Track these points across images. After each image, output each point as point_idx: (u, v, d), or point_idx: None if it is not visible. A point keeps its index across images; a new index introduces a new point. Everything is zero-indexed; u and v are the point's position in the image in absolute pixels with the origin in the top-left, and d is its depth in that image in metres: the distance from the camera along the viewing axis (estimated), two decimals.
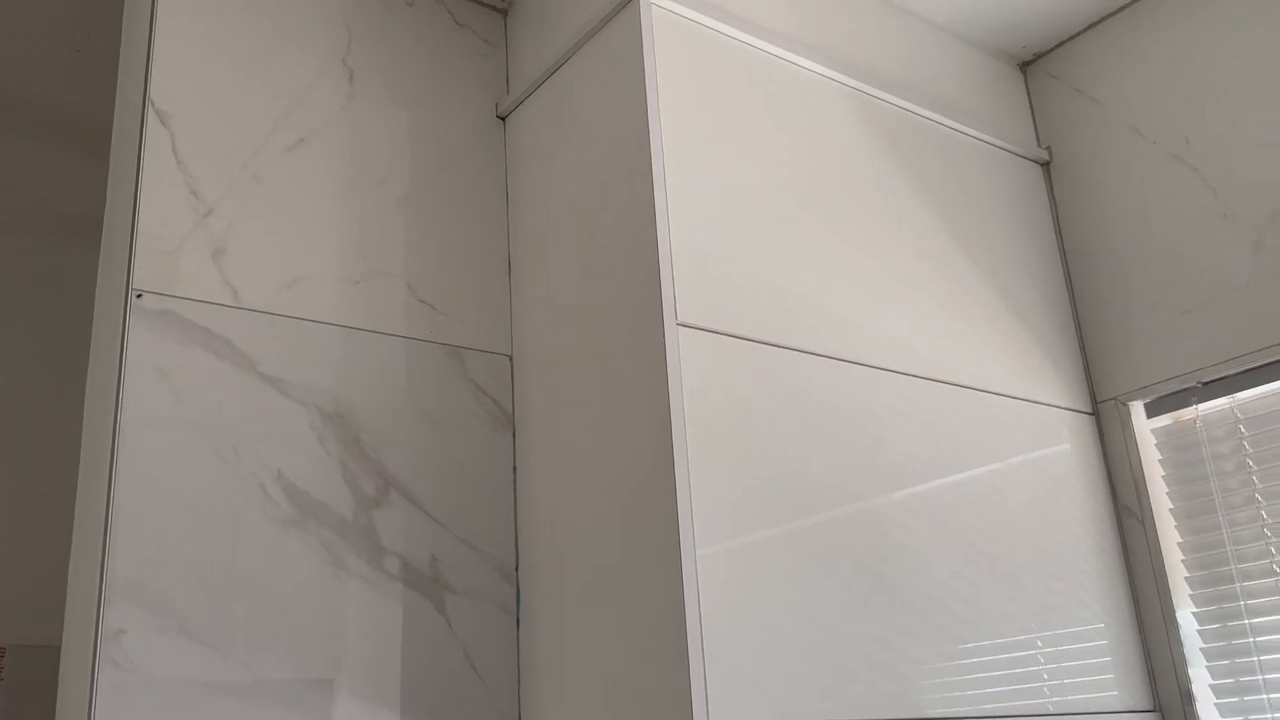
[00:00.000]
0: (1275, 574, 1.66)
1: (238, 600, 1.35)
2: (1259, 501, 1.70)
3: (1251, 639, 1.67)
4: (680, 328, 1.40)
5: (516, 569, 1.60)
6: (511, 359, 1.70)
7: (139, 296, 1.38)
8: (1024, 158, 2.03)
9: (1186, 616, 1.76)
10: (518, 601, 1.58)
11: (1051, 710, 1.61)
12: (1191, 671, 1.73)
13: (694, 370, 1.39)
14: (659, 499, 1.34)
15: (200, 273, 1.44)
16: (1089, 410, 1.91)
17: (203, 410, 1.39)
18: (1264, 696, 1.64)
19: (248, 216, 1.51)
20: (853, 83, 1.78)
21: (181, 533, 1.33)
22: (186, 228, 1.45)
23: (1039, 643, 1.64)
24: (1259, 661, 1.66)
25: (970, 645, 1.55)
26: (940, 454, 1.64)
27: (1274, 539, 1.67)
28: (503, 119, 1.84)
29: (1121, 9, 1.99)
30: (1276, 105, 1.74)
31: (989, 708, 1.54)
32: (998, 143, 1.98)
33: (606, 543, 1.42)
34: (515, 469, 1.65)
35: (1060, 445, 1.83)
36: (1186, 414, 1.82)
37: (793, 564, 1.40)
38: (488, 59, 1.86)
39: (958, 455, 1.66)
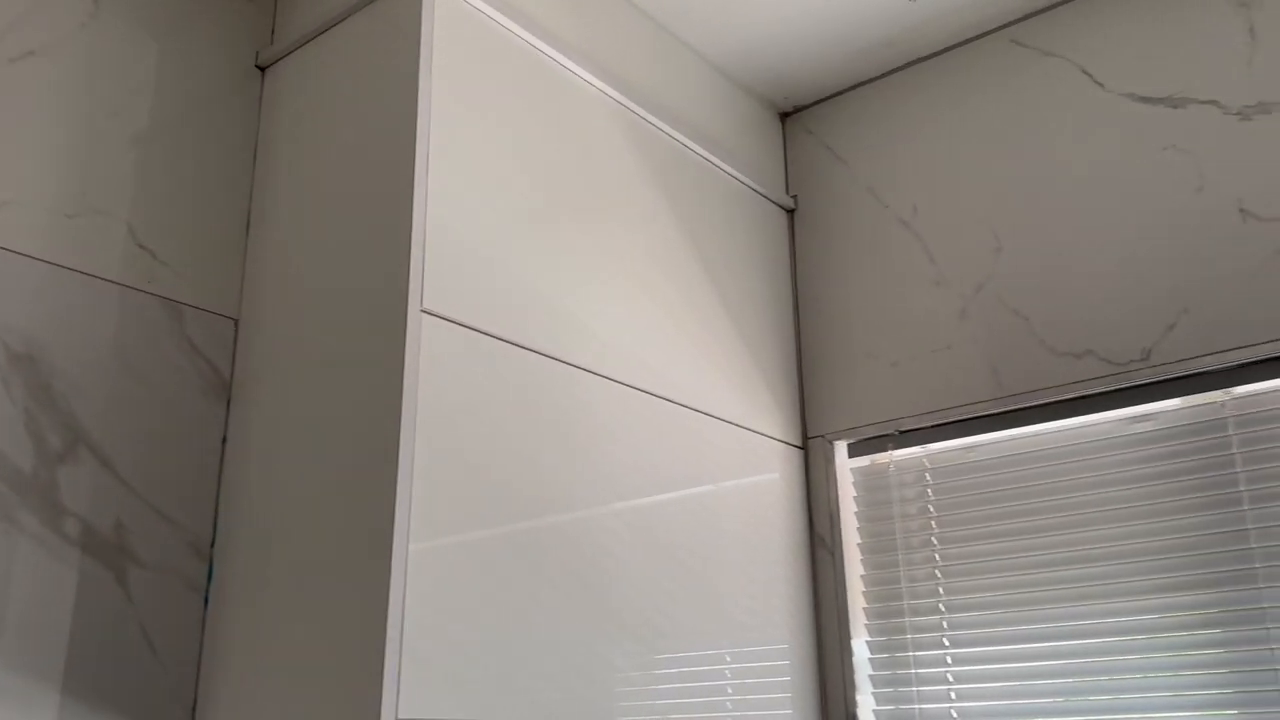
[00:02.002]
0: (940, 612, 1.83)
1: None
2: (934, 545, 1.87)
3: (914, 670, 1.83)
4: (424, 314, 1.37)
5: (212, 545, 1.50)
6: (237, 323, 1.60)
7: None
8: (772, 201, 2.15)
9: (861, 645, 1.90)
10: (209, 579, 1.48)
11: None
12: (859, 697, 1.87)
13: (431, 359, 1.37)
14: (377, 488, 1.30)
15: None
16: (799, 444, 2.03)
17: None
18: None
19: None
20: (625, 100, 1.81)
21: None
22: None
23: (728, 658, 1.72)
24: (917, 692, 1.82)
25: (665, 657, 1.61)
26: (660, 470, 1.69)
27: (943, 580, 1.84)
28: (262, 69, 1.74)
29: (874, 79, 2.14)
30: (988, 187, 1.93)
31: (675, 718, 1.60)
32: (750, 183, 2.08)
33: (315, 527, 1.36)
34: (225, 440, 1.55)
35: (770, 474, 1.94)
36: (883, 458, 1.98)
37: (507, 566, 1.40)
38: (253, 2, 1.76)
39: (676, 473, 1.72)
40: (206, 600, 1.48)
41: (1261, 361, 1.61)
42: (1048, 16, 1.94)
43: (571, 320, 1.60)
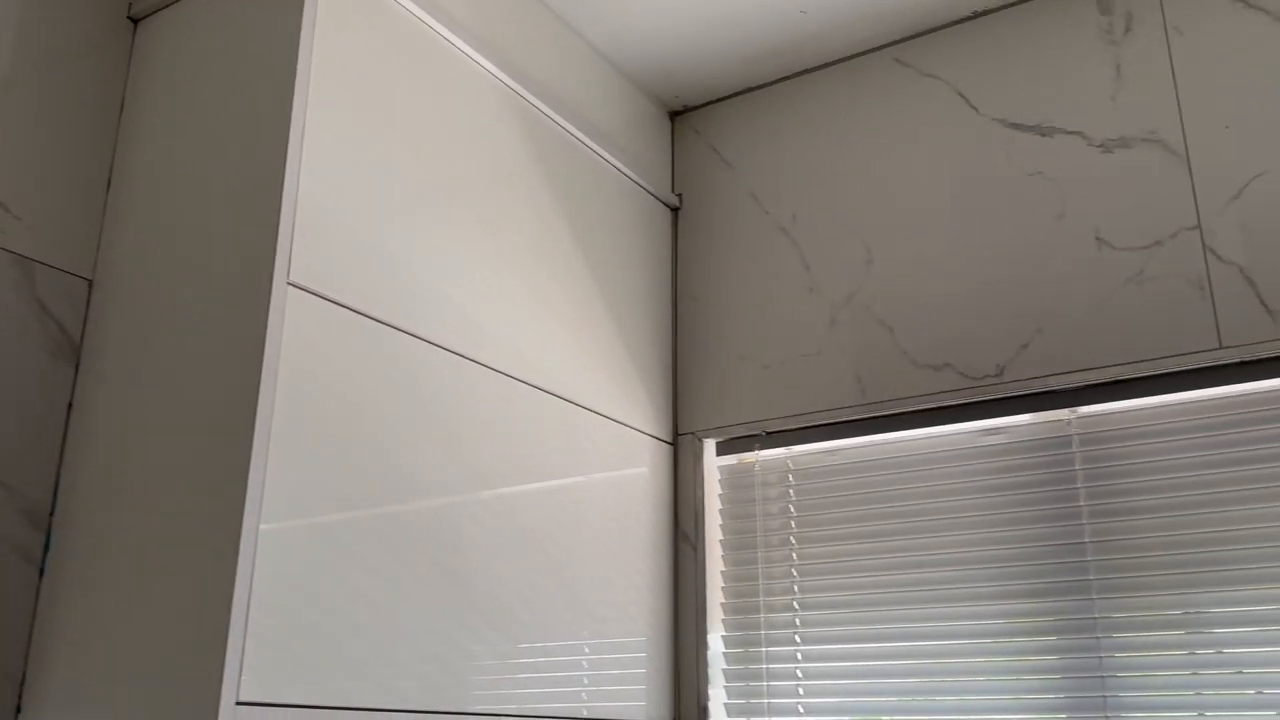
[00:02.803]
0: (794, 609, 1.88)
1: None
2: (792, 544, 1.91)
3: (765, 665, 1.87)
4: (290, 287, 1.33)
5: (51, 514, 1.43)
6: (91, 284, 1.53)
7: None
8: (658, 199, 2.16)
9: (716, 639, 1.94)
10: (45, 550, 1.41)
11: (585, 714, 1.70)
12: (711, 690, 1.90)
13: (297, 334, 1.33)
14: (229, 464, 1.26)
15: None
16: (669, 440, 2.05)
17: None
18: (766, 719, 1.84)
19: None
20: (514, 86, 1.80)
21: None
22: None
23: (586, 649, 1.73)
24: (767, 686, 1.86)
25: (524, 646, 1.61)
26: (530, 459, 1.69)
27: (798, 578, 1.89)
28: (135, 21, 1.66)
29: (763, 86, 2.18)
30: (863, 201, 1.98)
31: (531, 707, 1.60)
32: (636, 179, 2.09)
33: (164, 501, 1.31)
34: (71, 405, 1.48)
35: (639, 468, 1.95)
36: (749, 458, 2.01)
37: (364, 550, 1.37)
38: None
39: (546, 463, 1.72)
40: (42, 571, 1.41)
41: (1106, 384, 1.70)
42: (929, 39, 2.00)
43: (445, 303, 1.58)
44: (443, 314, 1.57)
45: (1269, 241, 1.61)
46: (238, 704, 1.18)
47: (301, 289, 1.35)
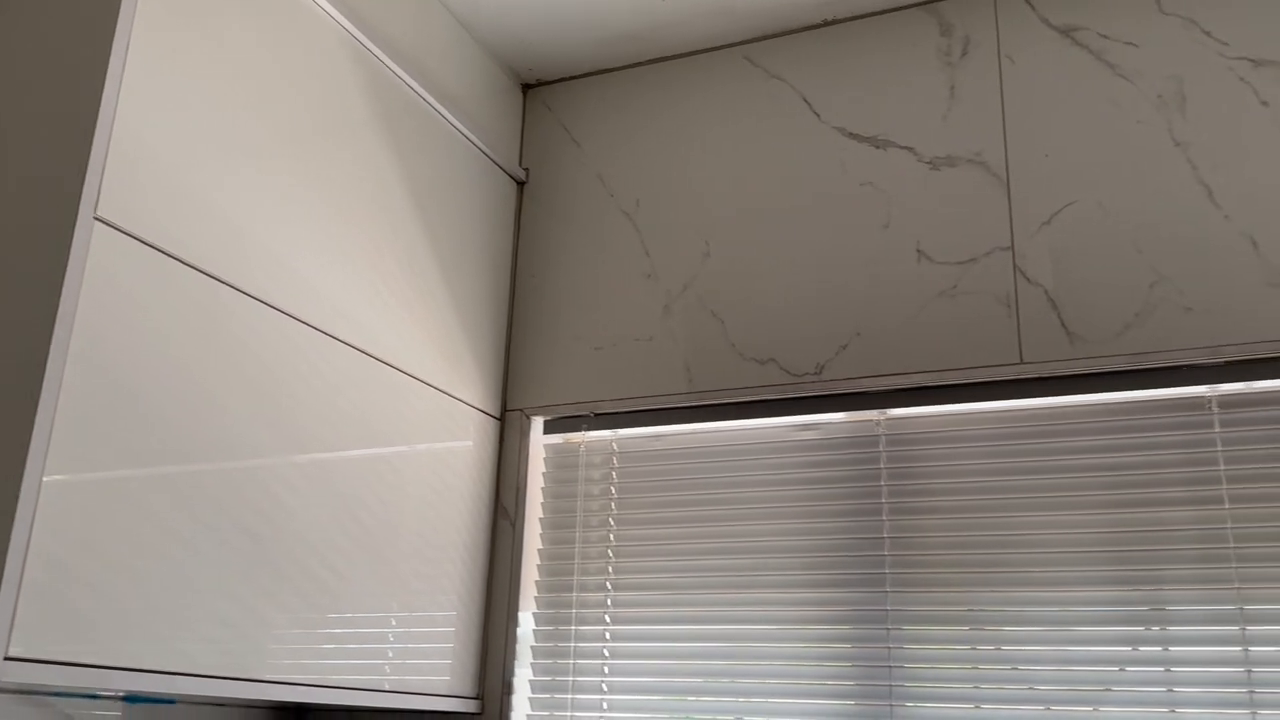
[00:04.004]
0: (606, 590, 1.90)
1: None
2: (610, 526, 1.93)
3: (573, 644, 1.89)
4: (96, 222, 1.25)
5: None
6: None
7: None
8: (504, 170, 2.14)
9: (527, 617, 1.94)
10: None
11: (387, 688, 1.67)
12: (517, 667, 1.90)
13: (101, 273, 1.25)
14: (13, 410, 1.18)
15: None
16: (496, 415, 2.04)
17: None
18: (569, 696, 1.86)
19: None
20: (363, 39, 1.74)
21: None
22: None
23: (393, 622, 1.70)
24: (574, 665, 1.88)
25: (330, 616, 1.57)
26: (350, 425, 1.64)
27: (614, 560, 1.91)
28: None
29: (618, 69, 2.18)
30: (705, 193, 2.01)
31: (331, 678, 1.56)
32: (483, 148, 2.06)
33: None
34: None
35: (465, 441, 1.93)
36: (575, 438, 2.02)
37: (163, 508, 1.31)
38: None
39: (366, 430, 1.68)
40: None
41: (914, 389, 1.78)
42: (780, 42, 2.05)
43: (269, 255, 1.52)
44: (265, 266, 1.51)
45: (1074, 267, 1.72)
46: (5, 659, 1.11)
47: (109, 225, 1.27)
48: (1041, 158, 1.79)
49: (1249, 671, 1.51)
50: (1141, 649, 1.56)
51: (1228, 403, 1.62)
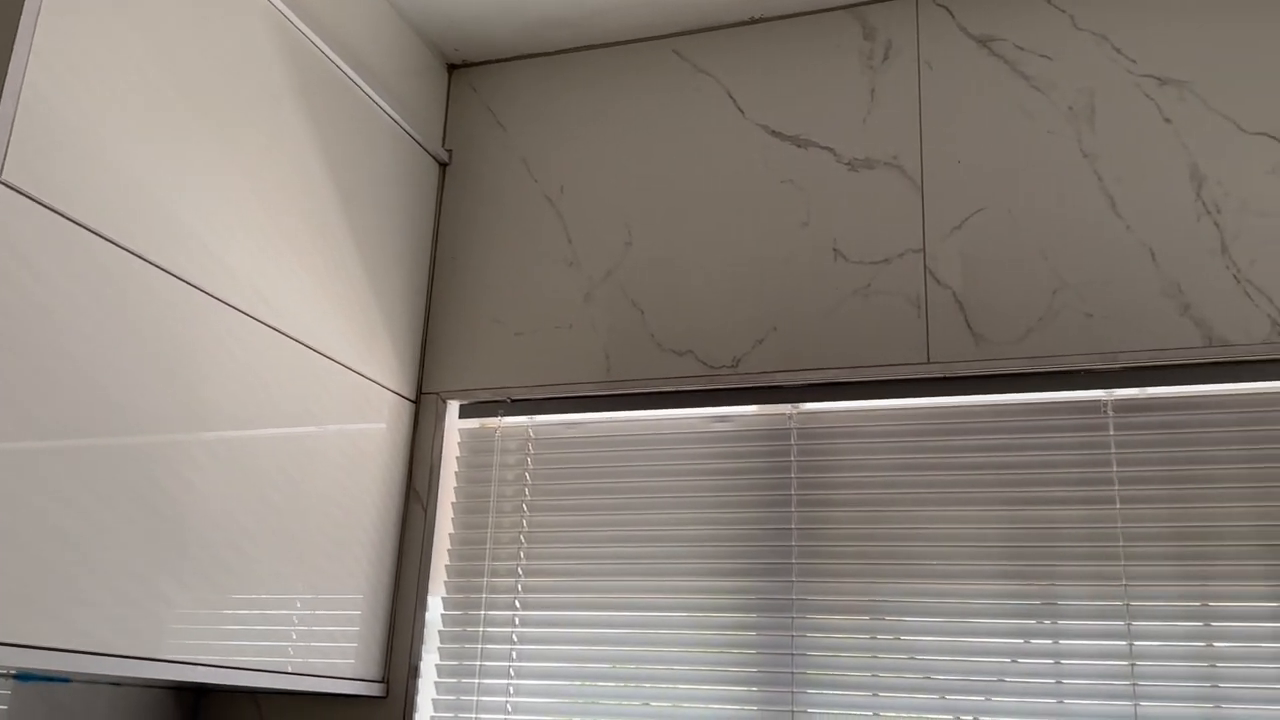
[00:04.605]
0: (517, 575, 1.90)
1: None
2: (524, 512, 1.93)
3: (481, 629, 1.89)
4: (1, 186, 1.21)
5: None
6: None
7: None
8: (426, 151, 2.11)
9: (436, 601, 1.93)
10: None
11: (291, 670, 1.66)
12: (424, 651, 1.89)
13: (4, 237, 1.21)
14: None
15: None
16: (412, 398, 2.02)
17: None
18: (476, 681, 1.86)
19: None
20: (285, 10, 1.71)
21: None
22: None
23: (299, 604, 1.68)
24: (481, 649, 1.88)
25: (234, 597, 1.54)
26: (261, 404, 1.62)
27: (526, 545, 1.91)
28: None
29: (546, 54, 2.18)
30: (630, 183, 2.02)
31: (234, 659, 1.54)
32: (406, 127, 2.04)
33: None
34: None
35: (378, 423, 1.91)
36: (492, 423, 2.02)
37: (61, 482, 1.27)
38: None
39: (278, 409, 1.66)
40: None
41: (826, 385, 1.82)
42: (708, 37, 2.06)
43: (179, 226, 1.48)
44: (176, 238, 1.48)
45: (981, 271, 1.77)
46: None
47: (14, 189, 1.23)
48: (954, 164, 1.84)
49: (1132, 665, 1.58)
50: (1033, 641, 1.63)
51: (1122, 407, 1.69)
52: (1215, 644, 1.55)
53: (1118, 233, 1.73)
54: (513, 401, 2.00)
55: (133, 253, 1.40)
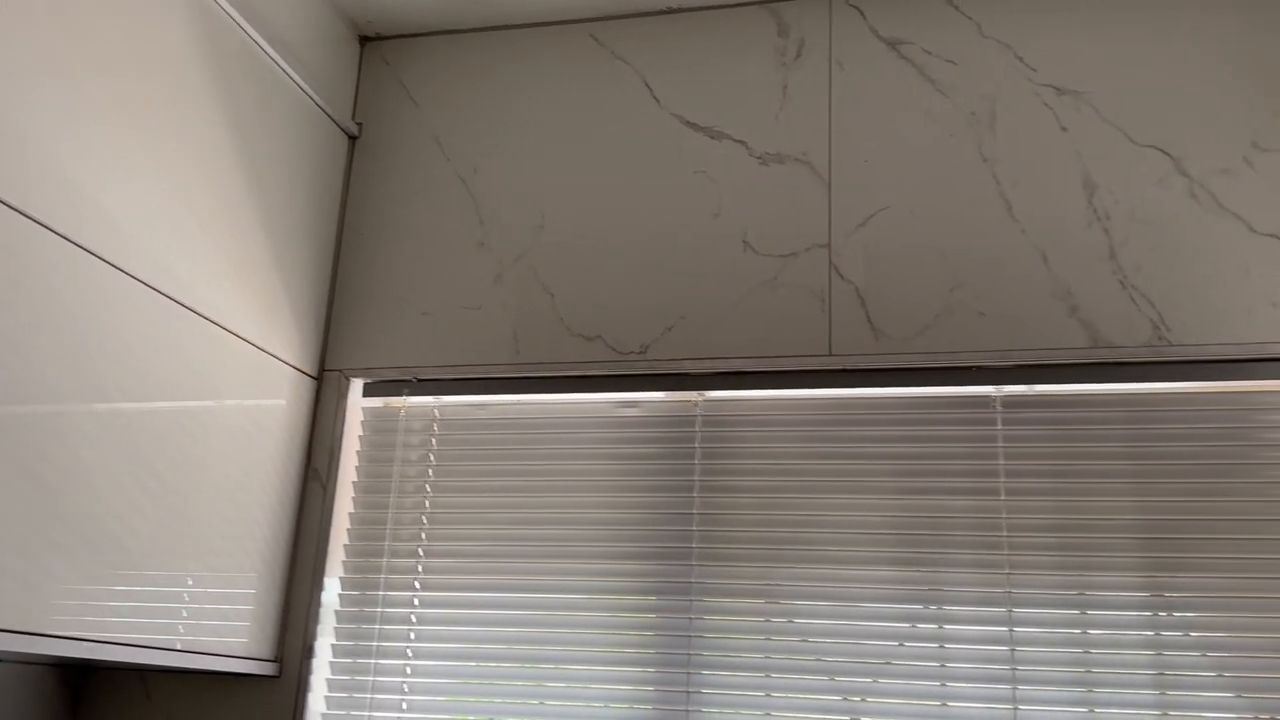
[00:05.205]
0: (418, 556, 1.89)
1: None
2: (427, 492, 1.92)
3: (380, 609, 1.87)
4: None
5: None
6: None
7: None
8: (335, 123, 2.08)
9: (334, 581, 1.91)
10: None
11: (180, 647, 1.62)
12: (320, 632, 1.87)
13: None
14: None
15: None
16: (314, 375, 1.99)
17: None
18: (373, 661, 1.84)
19: None
20: None
21: None
22: None
23: (190, 581, 1.65)
24: (379, 630, 1.86)
25: (123, 573, 1.50)
26: (155, 375, 1.57)
27: (427, 526, 1.90)
28: None
29: (463, 31, 2.15)
30: (544, 167, 2.02)
31: (120, 635, 1.50)
32: (315, 98, 2.00)
33: None
34: None
35: (277, 399, 1.88)
36: (396, 403, 2.00)
37: None
38: None
39: (173, 382, 1.61)
40: None
41: (732, 374, 1.85)
42: (626, 24, 2.07)
43: (78, 192, 1.43)
44: (71, 202, 1.42)
45: (883, 268, 1.82)
46: None
47: None
48: (861, 163, 1.89)
49: (1013, 650, 1.65)
50: (919, 626, 1.69)
51: (1010, 403, 1.76)
52: (1090, 631, 1.63)
53: (1013, 235, 1.80)
54: (418, 381, 1.99)
55: (26, 215, 1.35)
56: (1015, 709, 1.62)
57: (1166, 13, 1.84)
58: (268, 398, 1.85)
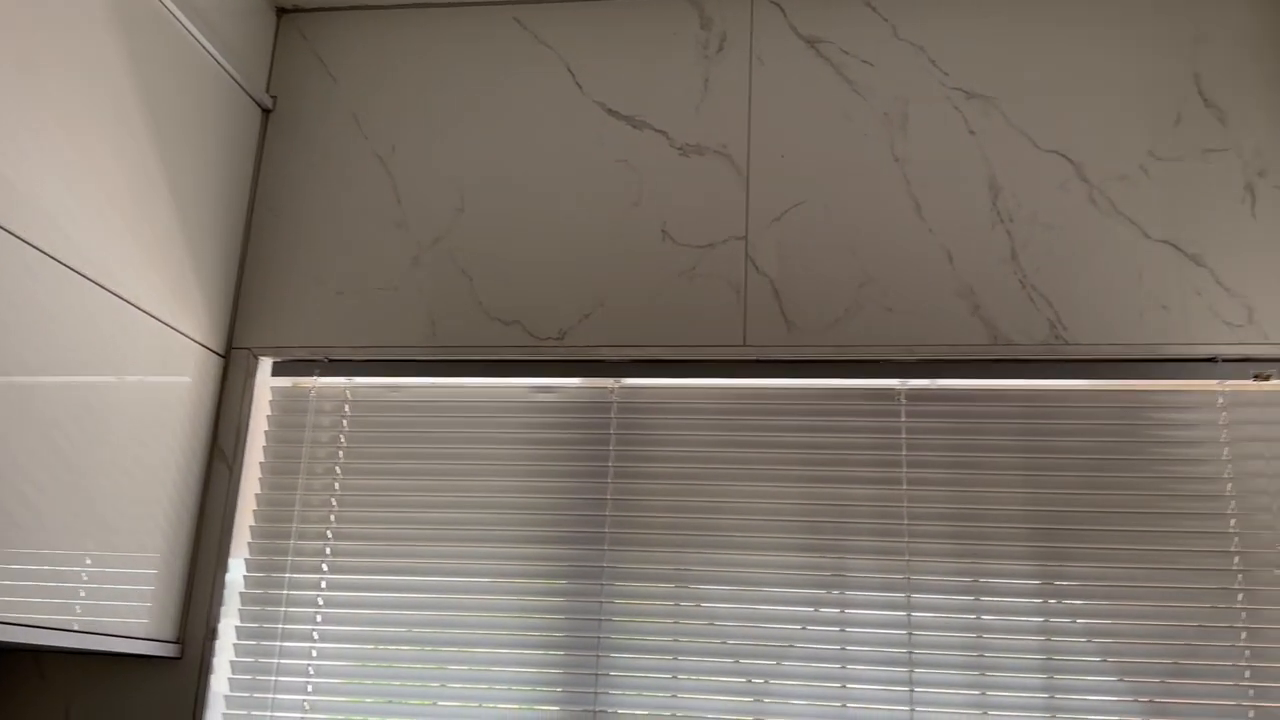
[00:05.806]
0: (326, 539, 1.87)
1: None
2: (337, 474, 1.90)
3: (285, 591, 1.85)
4: None
5: None
6: None
7: None
8: (249, 95, 2.03)
9: (238, 562, 1.88)
10: None
11: (77, 628, 1.58)
12: (224, 613, 1.84)
13: None
14: None
15: None
16: (221, 352, 1.95)
17: None
18: (278, 644, 1.82)
19: None
20: None
21: None
22: None
23: (89, 560, 1.60)
24: (285, 612, 1.84)
25: (16, 551, 1.46)
26: (55, 349, 1.53)
27: (336, 508, 1.88)
28: None
29: (383, 7, 2.12)
30: (465, 149, 2.01)
31: (12, 615, 1.45)
32: (229, 69, 1.95)
33: None
34: None
35: (183, 377, 1.83)
36: (306, 383, 1.97)
37: None
38: None
39: (74, 356, 1.57)
40: None
41: (648, 362, 1.87)
42: (550, 9, 2.07)
43: None
44: None
45: (797, 262, 1.86)
46: None
47: None
48: (778, 158, 1.92)
49: (910, 634, 1.71)
50: (821, 610, 1.74)
51: (914, 396, 1.82)
52: (984, 617, 1.70)
53: (920, 234, 1.86)
54: (330, 361, 1.96)
55: None
56: (911, 690, 1.68)
57: (1073, 25, 1.92)
58: (173, 375, 1.81)
